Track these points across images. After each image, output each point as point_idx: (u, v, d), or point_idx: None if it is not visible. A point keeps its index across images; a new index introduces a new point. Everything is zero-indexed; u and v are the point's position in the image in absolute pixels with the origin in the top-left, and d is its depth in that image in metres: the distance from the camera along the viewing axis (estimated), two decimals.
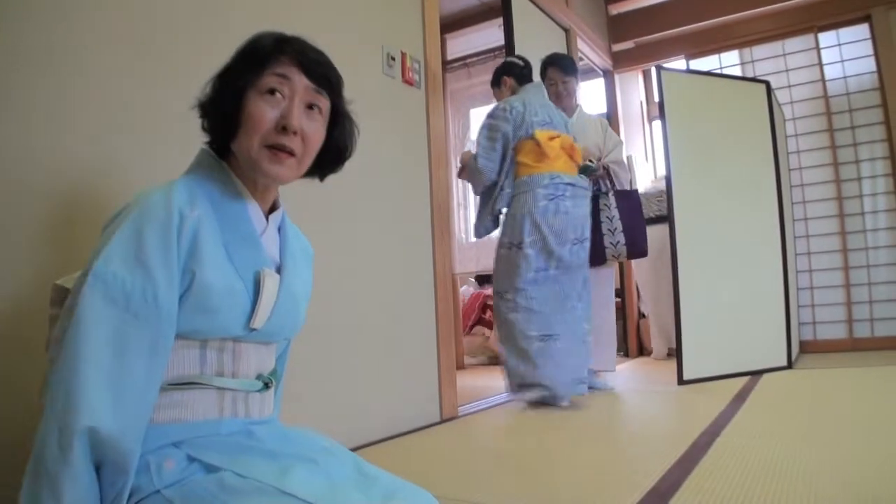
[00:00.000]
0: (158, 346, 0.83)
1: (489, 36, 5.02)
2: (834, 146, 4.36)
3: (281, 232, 1.06)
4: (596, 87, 5.25)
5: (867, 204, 4.27)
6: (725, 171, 3.47)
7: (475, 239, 3.34)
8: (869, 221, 4.25)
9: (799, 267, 4.31)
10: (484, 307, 5.32)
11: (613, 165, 3.25)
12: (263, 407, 1.02)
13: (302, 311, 1.08)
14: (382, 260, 2.35)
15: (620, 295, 4.82)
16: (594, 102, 5.31)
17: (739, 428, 2.11)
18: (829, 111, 4.39)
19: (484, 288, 5.57)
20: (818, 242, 4.37)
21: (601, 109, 5.16)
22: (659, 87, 3.38)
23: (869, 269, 4.22)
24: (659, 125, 3.93)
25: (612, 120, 5.02)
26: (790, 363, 3.52)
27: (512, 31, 3.63)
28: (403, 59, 2.56)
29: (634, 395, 3.07)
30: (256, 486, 0.81)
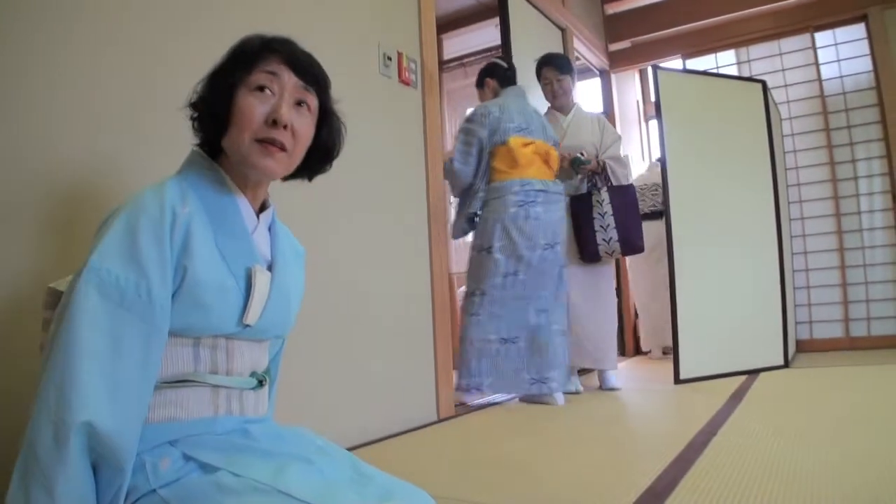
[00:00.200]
0: (153, 341, 0.84)
1: (486, 36, 5.03)
2: (830, 146, 4.37)
3: (271, 230, 1.06)
4: (592, 86, 5.25)
5: (863, 203, 4.28)
6: (722, 170, 3.48)
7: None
8: (865, 221, 4.26)
9: (795, 266, 4.32)
10: None
11: (610, 162, 3.22)
12: (258, 405, 1.02)
13: (294, 309, 1.09)
14: (378, 260, 2.35)
15: (617, 293, 4.81)
16: (591, 102, 5.31)
17: (736, 427, 2.11)
18: (825, 111, 4.40)
19: None
20: (815, 242, 4.38)
21: (597, 109, 5.15)
22: (655, 86, 3.39)
23: (865, 268, 4.23)
24: (655, 125, 3.93)
25: (608, 119, 5.01)
26: (787, 362, 3.53)
27: (508, 30, 3.64)
28: (400, 59, 2.56)
29: (631, 394, 3.07)
30: (252, 485, 0.81)
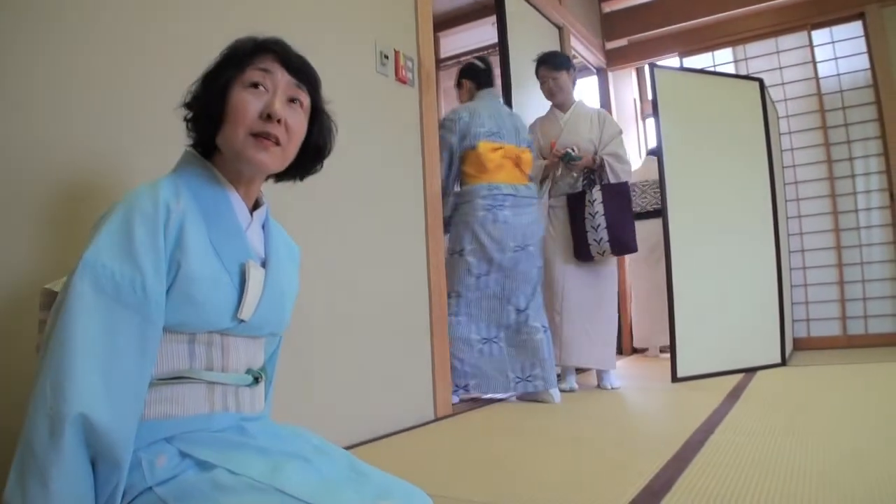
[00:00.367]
0: (148, 335, 0.84)
1: (483, 34, 5.02)
2: (828, 143, 4.37)
3: (265, 228, 1.07)
4: (589, 85, 5.25)
5: (861, 201, 4.28)
6: (719, 168, 3.48)
7: None
8: (863, 219, 4.27)
9: (793, 264, 4.33)
10: None
11: (609, 158, 3.19)
12: (254, 402, 1.02)
13: (288, 307, 1.09)
14: (375, 259, 2.34)
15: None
16: (587, 101, 5.29)
17: (733, 425, 2.11)
18: (822, 108, 4.40)
19: None
20: (812, 240, 4.39)
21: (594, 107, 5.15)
22: (652, 84, 3.39)
23: (863, 266, 4.24)
24: (652, 123, 3.93)
25: None
26: (784, 360, 3.53)
27: (505, 28, 3.63)
28: (397, 57, 2.55)
29: (628, 392, 3.07)
30: (249, 483, 0.81)
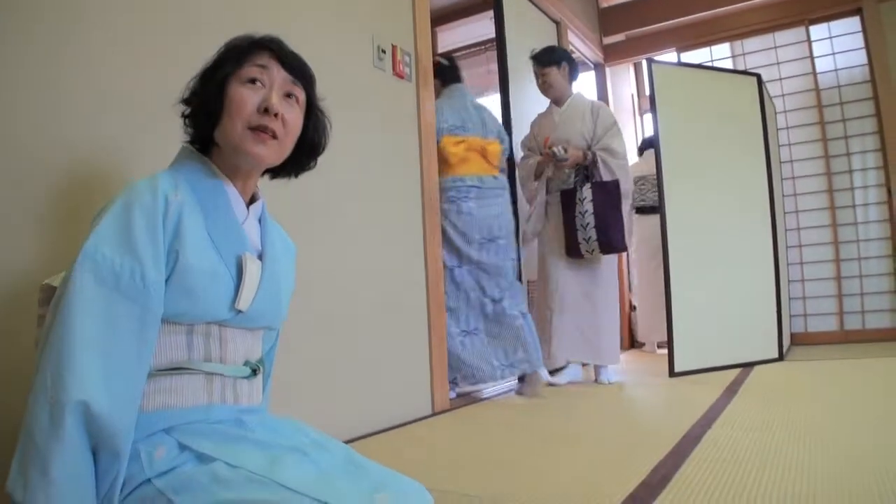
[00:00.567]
0: (147, 324, 0.85)
1: (480, 29, 5.00)
2: (825, 139, 4.37)
3: (261, 223, 1.08)
4: (587, 80, 5.24)
5: (858, 197, 4.28)
6: (716, 164, 3.47)
7: None
8: (860, 214, 4.27)
9: (790, 259, 4.33)
10: None
11: (601, 153, 3.15)
12: (252, 394, 1.03)
13: (285, 301, 1.11)
14: (373, 253, 2.34)
15: None
16: (585, 96, 5.29)
17: (731, 420, 2.11)
18: (820, 104, 4.40)
19: None
20: (809, 235, 4.39)
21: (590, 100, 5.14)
22: (650, 79, 3.38)
23: (860, 261, 4.24)
24: (650, 118, 3.93)
25: None
26: (781, 355, 3.54)
27: (503, 23, 3.62)
28: (394, 51, 2.54)
29: (626, 387, 3.08)
30: (247, 476, 0.82)
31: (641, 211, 4.56)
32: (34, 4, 1.32)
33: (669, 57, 4.93)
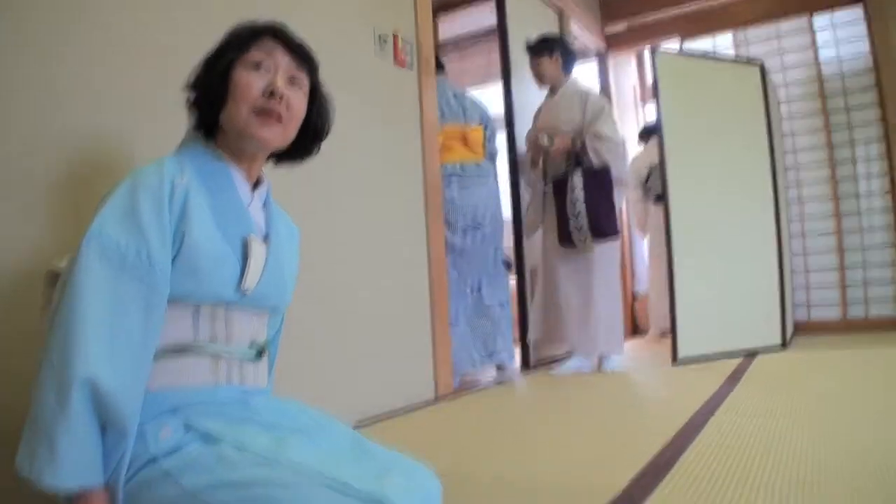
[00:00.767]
0: (153, 303, 0.86)
1: (482, 18, 4.98)
2: (828, 128, 4.35)
3: (266, 206, 1.09)
4: (589, 69, 5.22)
5: (862, 186, 4.27)
6: (720, 153, 3.46)
7: None
8: (864, 203, 4.25)
9: (794, 249, 4.32)
10: None
11: (590, 139, 3.09)
12: (257, 376, 1.03)
13: (290, 284, 1.11)
14: (376, 241, 2.34)
15: None
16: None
17: (734, 407, 2.11)
18: (823, 93, 4.38)
19: None
20: (813, 224, 4.38)
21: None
22: (653, 68, 3.36)
23: (864, 250, 4.23)
24: (652, 108, 3.91)
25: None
26: (785, 343, 3.54)
27: (504, 12, 3.61)
28: (395, 40, 2.53)
29: (630, 374, 3.08)
30: (253, 458, 0.82)
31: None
32: (34, 4, 1.32)
33: (672, 46, 4.91)
